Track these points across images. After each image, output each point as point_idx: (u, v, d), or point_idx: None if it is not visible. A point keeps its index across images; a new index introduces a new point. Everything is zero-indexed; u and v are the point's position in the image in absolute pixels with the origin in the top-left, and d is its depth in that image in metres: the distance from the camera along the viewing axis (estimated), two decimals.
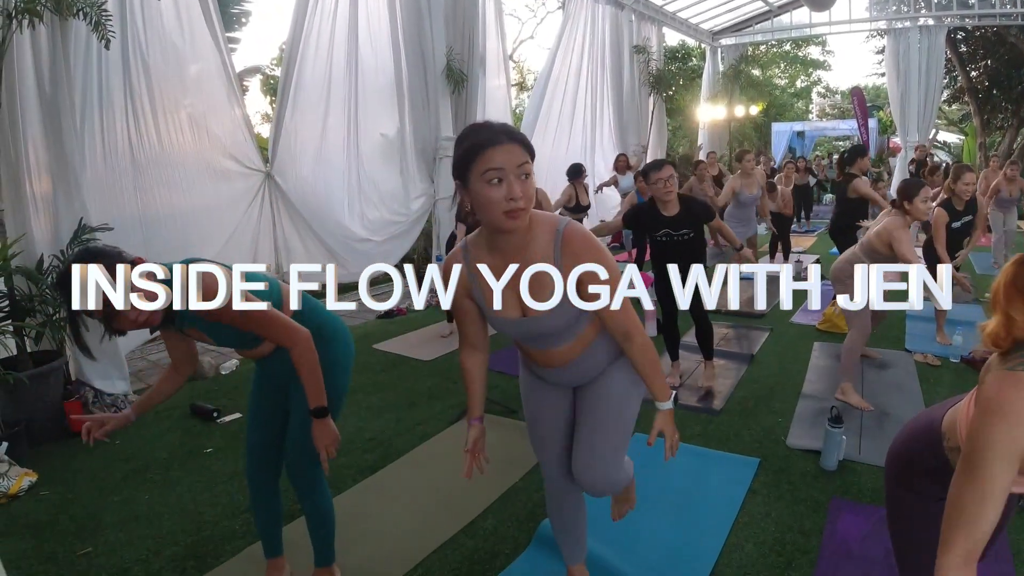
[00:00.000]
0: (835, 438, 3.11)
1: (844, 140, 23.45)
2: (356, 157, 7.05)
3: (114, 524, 2.91)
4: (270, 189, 6.23)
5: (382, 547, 2.58)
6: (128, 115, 4.91)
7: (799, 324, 5.60)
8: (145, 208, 5.07)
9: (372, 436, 3.70)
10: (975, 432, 1.29)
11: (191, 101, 5.51)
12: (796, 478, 3.06)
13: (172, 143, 5.28)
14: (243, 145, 5.92)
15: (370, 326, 6.37)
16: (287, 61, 6.29)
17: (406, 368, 4.95)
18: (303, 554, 2.42)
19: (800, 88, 25.65)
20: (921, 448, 1.62)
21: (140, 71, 4.96)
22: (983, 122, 15.19)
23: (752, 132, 19.20)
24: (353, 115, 6.92)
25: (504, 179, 1.45)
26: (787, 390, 4.20)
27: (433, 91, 7.09)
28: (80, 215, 4.09)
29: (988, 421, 1.26)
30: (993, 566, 2.33)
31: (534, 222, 1.61)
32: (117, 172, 4.84)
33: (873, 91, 25.71)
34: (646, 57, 11.47)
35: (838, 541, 2.54)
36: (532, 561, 2.49)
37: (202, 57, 5.55)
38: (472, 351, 1.94)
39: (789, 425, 3.64)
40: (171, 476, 3.36)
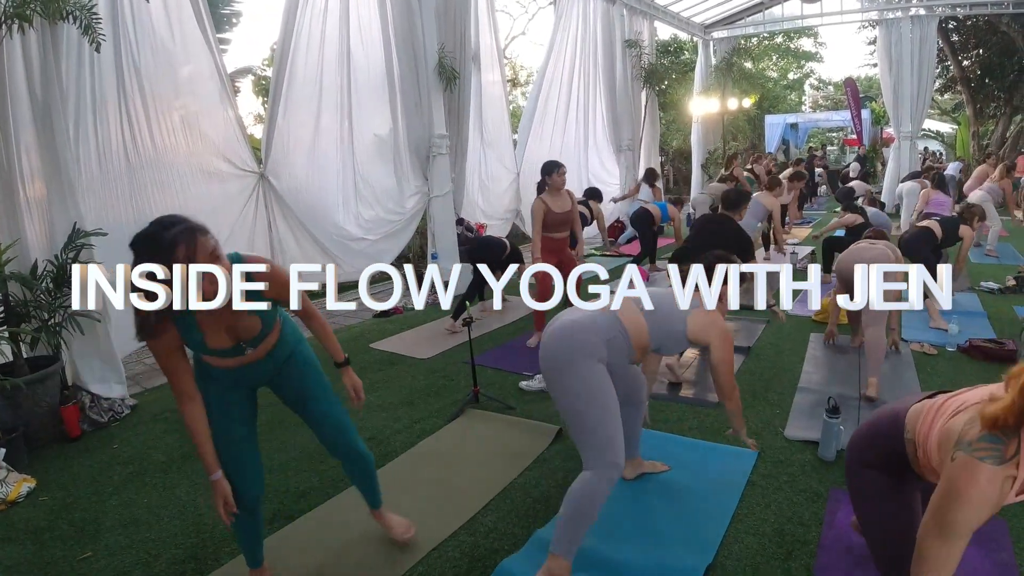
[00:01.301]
0: (833, 429, 3.11)
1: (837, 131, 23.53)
2: (350, 156, 7.04)
3: (113, 528, 2.90)
4: (264, 190, 6.21)
5: (382, 546, 2.58)
6: (122, 118, 4.89)
7: (796, 316, 5.61)
8: (139, 211, 5.04)
9: (370, 435, 3.70)
10: (943, 507, 1.45)
11: (183, 103, 5.49)
12: (795, 469, 3.07)
13: (165, 145, 5.27)
14: (236, 146, 5.90)
15: (367, 325, 6.36)
16: (278, 61, 6.27)
17: (403, 366, 4.95)
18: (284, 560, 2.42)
19: (793, 80, 25.64)
20: (884, 433, 1.79)
21: (132, 74, 4.94)
22: (976, 111, 15.22)
23: (745, 125, 19.19)
24: (346, 114, 6.91)
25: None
26: (784, 382, 4.20)
27: (425, 88, 7.06)
28: (74, 220, 4.08)
29: (955, 505, 1.42)
30: (993, 555, 2.34)
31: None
32: (111, 175, 4.82)
33: (866, 82, 25.75)
34: (638, 51, 11.46)
35: (838, 531, 2.55)
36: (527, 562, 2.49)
37: (193, 58, 5.53)
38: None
39: (787, 417, 3.65)
40: (169, 479, 3.36)
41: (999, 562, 2.30)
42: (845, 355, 4.62)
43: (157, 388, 4.84)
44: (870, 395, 3.80)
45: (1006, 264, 7.43)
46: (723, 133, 15.51)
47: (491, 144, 9.07)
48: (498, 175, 9.41)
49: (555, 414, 3.83)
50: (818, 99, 28.74)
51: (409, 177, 7.42)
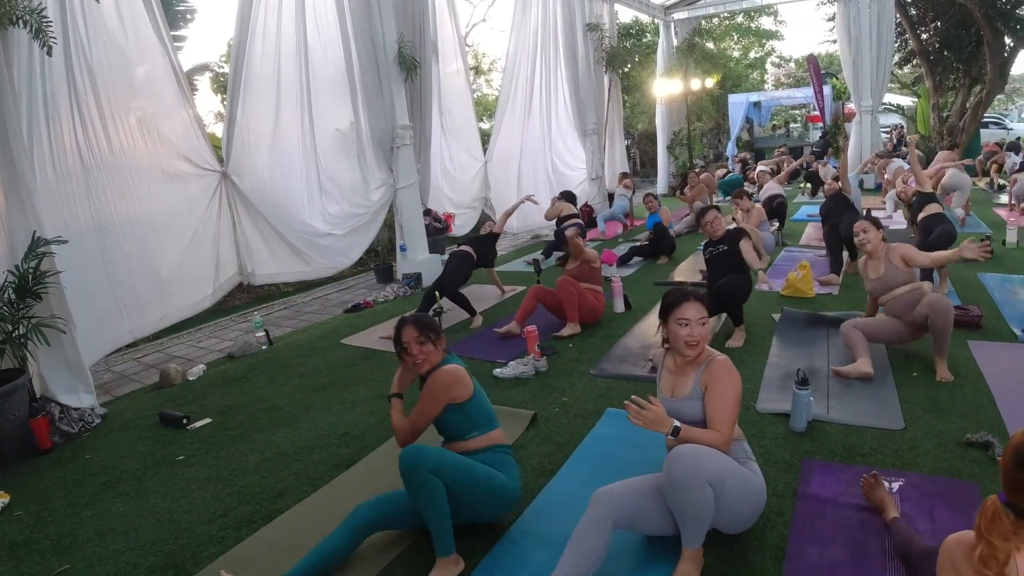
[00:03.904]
0: (803, 400, 3.17)
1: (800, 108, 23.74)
2: (313, 151, 6.98)
3: (90, 539, 2.86)
4: (227, 189, 6.14)
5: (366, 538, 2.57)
6: (75, 122, 4.81)
7: (763, 292, 5.68)
8: (100, 217, 4.96)
9: (345, 431, 3.68)
10: None
11: (140, 104, 5.41)
12: (767, 441, 3.12)
13: (122, 148, 5.18)
14: (196, 144, 5.82)
15: (337, 321, 6.32)
16: (235, 57, 6.18)
17: (375, 361, 4.93)
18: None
19: (754, 59, 25.82)
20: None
21: (85, 76, 4.84)
22: (935, 83, 15.43)
23: (709, 105, 19.30)
24: (307, 109, 6.84)
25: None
26: (754, 356, 4.27)
27: (386, 79, 7.00)
28: (33, 228, 3.99)
29: None
30: (967, 519, 2.40)
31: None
32: (67, 181, 4.73)
33: (826, 59, 26.01)
34: (599, 35, 11.47)
35: (811, 500, 2.59)
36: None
37: (148, 58, 5.44)
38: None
39: (758, 390, 3.71)
40: (144, 486, 3.31)
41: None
42: (814, 329, 4.69)
43: (127, 396, 4.78)
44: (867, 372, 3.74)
45: (969, 232, 7.58)
46: (687, 114, 15.60)
47: (454, 133, 9.04)
48: (464, 163, 9.39)
49: (529, 400, 3.85)
50: (780, 77, 28.96)
51: (373, 170, 7.37)
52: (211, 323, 6.79)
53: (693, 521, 2.09)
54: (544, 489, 2.87)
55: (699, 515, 2.08)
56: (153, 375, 5.10)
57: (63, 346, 4.14)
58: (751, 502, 2.26)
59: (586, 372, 4.26)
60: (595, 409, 3.67)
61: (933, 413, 3.26)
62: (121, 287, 5.13)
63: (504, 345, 4.92)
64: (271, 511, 2.93)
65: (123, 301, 5.14)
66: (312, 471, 3.24)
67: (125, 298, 5.16)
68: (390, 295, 7.05)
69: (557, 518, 2.58)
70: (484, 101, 20.04)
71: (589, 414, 3.61)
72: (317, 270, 7.02)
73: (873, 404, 3.41)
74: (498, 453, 2.57)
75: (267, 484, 3.18)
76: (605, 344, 4.76)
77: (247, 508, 2.97)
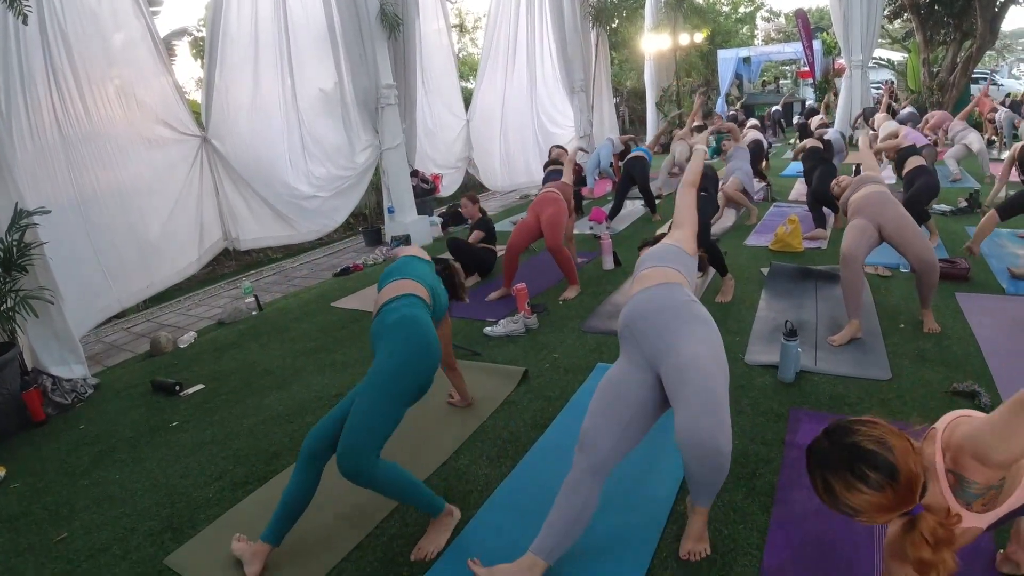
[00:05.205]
0: (791, 351, 3.20)
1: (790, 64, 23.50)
2: (295, 113, 6.89)
3: (88, 507, 2.88)
4: (208, 153, 6.07)
5: (359, 495, 2.59)
6: (52, 91, 4.74)
7: (752, 246, 5.69)
8: (81, 187, 4.91)
9: (337, 392, 3.70)
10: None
11: (117, 71, 5.32)
12: (756, 392, 3.16)
13: (101, 116, 5.12)
14: (175, 109, 5.74)
15: (327, 284, 6.30)
16: (211, 20, 6.06)
17: (366, 323, 4.92)
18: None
19: (744, 14, 25.42)
20: None
21: (60, 45, 4.76)
22: (926, 38, 15.22)
23: (698, 61, 19.07)
24: (287, 70, 6.74)
25: None
26: (743, 310, 4.29)
27: (368, 38, 6.85)
28: (15, 200, 3.93)
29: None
30: None
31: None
32: (47, 152, 4.67)
33: (817, 13, 25.68)
34: None
35: (799, 448, 2.64)
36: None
37: (124, 24, 5.33)
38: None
39: (746, 343, 3.74)
40: (139, 453, 3.33)
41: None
42: (802, 282, 4.71)
43: (119, 365, 4.77)
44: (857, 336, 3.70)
45: (955, 187, 7.59)
46: (676, 70, 15.41)
47: (435, 91, 8.93)
48: (447, 123, 9.29)
49: (520, 357, 3.87)
50: (770, 32, 28.62)
51: (359, 131, 7.28)
52: (200, 291, 6.76)
53: (710, 487, 2.04)
54: (537, 442, 2.92)
55: (716, 482, 2.02)
56: (144, 344, 5.09)
57: (52, 318, 4.11)
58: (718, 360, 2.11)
59: (576, 328, 4.28)
60: (585, 364, 3.70)
61: (920, 363, 3.30)
62: (106, 256, 5.09)
63: (495, 304, 4.93)
64: (266, 472, 2.95)
65: (109, 270, 5.11)
66: (305, 432, 3.20)
67: (111, 267, 5.13)
68: (379, 258, 7.03)
69: (550, 469, 2.62)
70: (470, 60, 19.66)
71: (580, 369, 3.64)
72: (302, 233, 6.98)
73: (861, 355, 3.45)
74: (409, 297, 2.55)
75: (261, 447, 3.20)
76: (595, 301, 4.77)
77: (242, 470, 2.99)
